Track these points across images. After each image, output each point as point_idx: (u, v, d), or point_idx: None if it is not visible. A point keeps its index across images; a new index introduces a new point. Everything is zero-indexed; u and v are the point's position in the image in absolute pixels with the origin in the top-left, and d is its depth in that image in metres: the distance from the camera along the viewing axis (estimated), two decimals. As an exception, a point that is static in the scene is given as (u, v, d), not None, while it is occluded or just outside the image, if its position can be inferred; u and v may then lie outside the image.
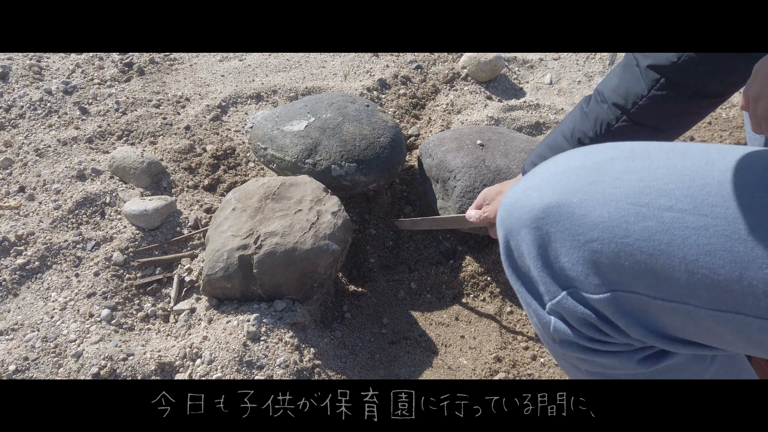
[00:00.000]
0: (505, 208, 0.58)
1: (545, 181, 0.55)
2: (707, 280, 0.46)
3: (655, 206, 0.49)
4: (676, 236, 0.47)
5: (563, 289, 0.53)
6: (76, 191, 1.21)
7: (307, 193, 1.08)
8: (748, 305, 0.45)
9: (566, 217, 0.52)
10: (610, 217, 0.50)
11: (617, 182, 0.51)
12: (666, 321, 0.50)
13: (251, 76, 1.69)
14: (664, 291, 0.48)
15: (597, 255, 0.50)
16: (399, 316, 1.17)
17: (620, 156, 0.53)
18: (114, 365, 0.91)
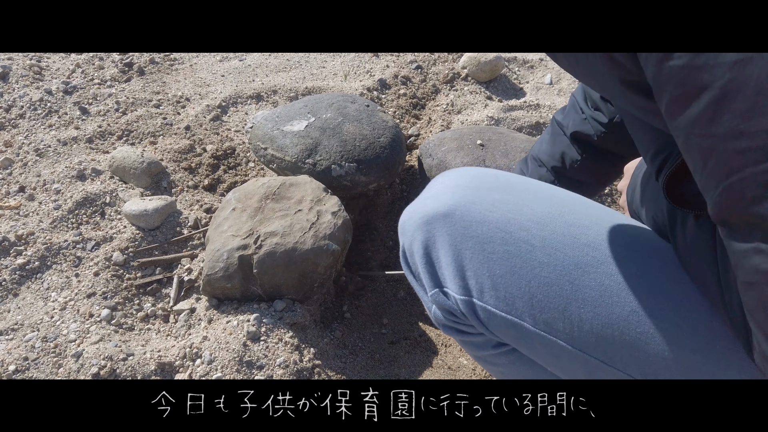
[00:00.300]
0: (406, 215, 0.68)
1: (439, 192, 0.66)
2: (541, 305, 0.57)
3: (516, 236, 0.59)
4: (527, 265, 0.58)
5: (436, 286, 0.64)
6: (76, 191, 1.21)
7: (307, 193, 1.08)
8: (565, 334, 0.56)
9: (449, 224, 0.62)
10: (481, 234, 0.60)
11: (492, 208, 0.61)
12: (503, 333, 0.61)
13: (251, 76, 1.69)
14: (509, 307, 0.58)
15: (465, 262, 0.60)
16: (399, 316, 1.17)
17: (499, 187, 0.64)
18: (114, 365, 0.90)
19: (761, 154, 0.32)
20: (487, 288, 0.59)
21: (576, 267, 0.57)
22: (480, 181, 0.65)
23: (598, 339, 0.55)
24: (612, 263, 0.57)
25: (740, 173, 0.34)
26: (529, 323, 0.58)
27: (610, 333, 0.54)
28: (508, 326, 0.59)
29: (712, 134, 0.35)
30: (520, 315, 0.58)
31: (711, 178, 0.36)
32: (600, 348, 0.55)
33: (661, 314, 0.54)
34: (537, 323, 0.57)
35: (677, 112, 0.36)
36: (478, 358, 0.71)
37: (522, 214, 0.61)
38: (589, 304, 0.55)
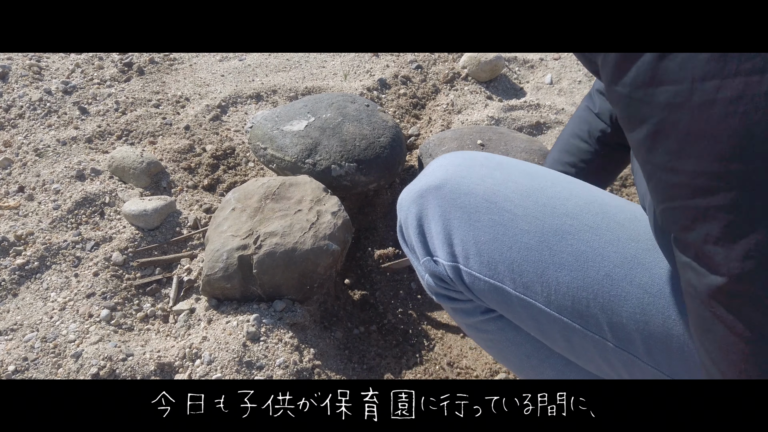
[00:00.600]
0: (404, 192, 0.72)
1: (433, 169, 0.70)
2: (521, 269, 0.60)
3: (500, 206, 0.63)
4: (509, 232, 0.61)
5: (427, 254, 0.68)
6: (75, 191, 1.21)
7: (307, 193, 1.08)
8: (543, 297, 0.59)
9: (439, 195, 0.66)
10: (468, 204, 0.64)
11: (480, 181, 0.65)
12: (487, 297, 0.64)
13: (251, 76, 1.69)
14: (491, 272, 0.62)
15: (453, 230, 0.64)
16: (399, 316, 1.17)
17: (488, 165, 0.68)
18: (113, 365, 0.90)
19: (689, 191, 0.35)
20: (473, 254, 0.63)
21: (554, 234, 0.60)
22: (471, 160, 0.69)
23: (573, 301, 0.58)
24: (588, 231, 0.60)
25: (673, 202, 0.37)
26: (510, 287, 0.61)
27: (585, 296, 0.58)
28: (491, 290, 0.62)
29: (650, 162, 0.38)
30: (502, 279, 0.61)
31: (654, 197, 0.40)
32: (576, 311, 0.58)
33: (633, 279, 0.57)
34: (517, 286, 0.61)
35: (627, 130, 0.39)
36: (468, 326, 0.74)
37: (507, 187, 0.64)
38: (565, 268, 0.58)
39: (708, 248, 0.35)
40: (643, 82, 0.35)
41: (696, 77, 0.32)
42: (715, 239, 0.34)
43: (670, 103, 0.34)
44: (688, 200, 0.35)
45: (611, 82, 0.38)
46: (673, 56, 0.33)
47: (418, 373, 1.04)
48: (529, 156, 1.22)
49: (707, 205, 0.34)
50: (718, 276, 0.35)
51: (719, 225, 0.34)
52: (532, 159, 1.21)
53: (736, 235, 0.33)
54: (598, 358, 0.60)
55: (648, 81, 0.35)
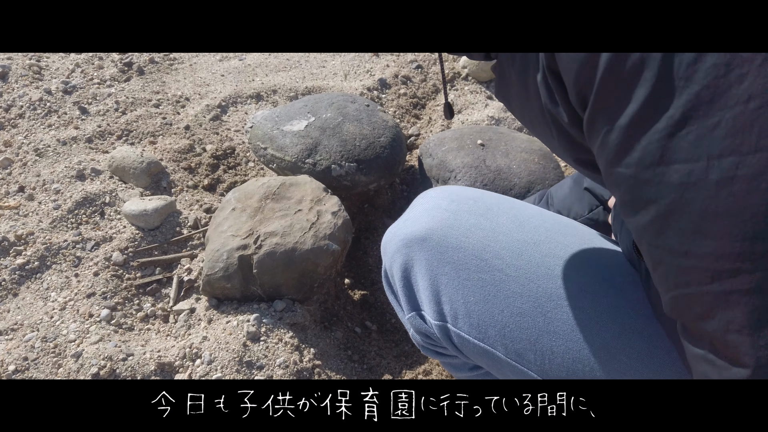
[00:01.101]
0: (388, 235, 0.69)
1: (418, 214, 0.66)
2: (513, 335, 0.57)
3: (491, 264, 0.59)
4: (500, 294, 0.58)
5: (413, 309, 0.64)
6: (75, 191, 1.21)
7: (307, 193, 1.08)
8: (536, 366, 0.56)
9: (426, 248, 0.62)
10: (457, 260, 0.60)
11: (468, 233, 0.61)
12: (476, 358, 0.61)
13: (251, 75, 1.69)
14: (481, 335, 0.59)
15: (441, 287, 0.61)
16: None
17: (477, 211, 0.64)
18: (114, 365, 0.90)
19: (707, 275, 0.32)
20: (461, 314, 0.60)
21: (549, 299, 0.56)
22: (458, 204, 0.65)
23: (568, 373, 0.55)
24: (586, 296, 0.56)
25: (687, 288, 0.33)
26: (501, 352, 0.58)
27: (581, 368, 0.54)
28: (480, 353, 0.60)
29: (659, 246, 0.34)
30: (492, 343, 0.58)
31: (661, 284, 0.36)
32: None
33: (632, 352, 0.53)
34: (509, 353, 0.57)
35: (628, 214, 0.36)
36: (459, 378, 0.72)
37: (497, 242, 0.61)
38: (560, 337, 0.55)
39: (731, 338, 0.32)
40: (652, 161, 0.32)
41: (712, 155, 0.30)
42: (739, 327, 0.31)
43: (683, 183, 0.31)
44: (706, 285, 0.32)
45: (612, 164, 0.35)
46: (685, 133, 0.31)
47: (418, 373, 1.04)
48: (529, 156, 1.22)
49: (729, 289, 0.31)
50: (743, 368, 0.32)
51: (744, 311, 0.30)
52: (532, 159, 1.21)
53: (764, 321, 0.30)
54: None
55: (657, 160, 0.32)
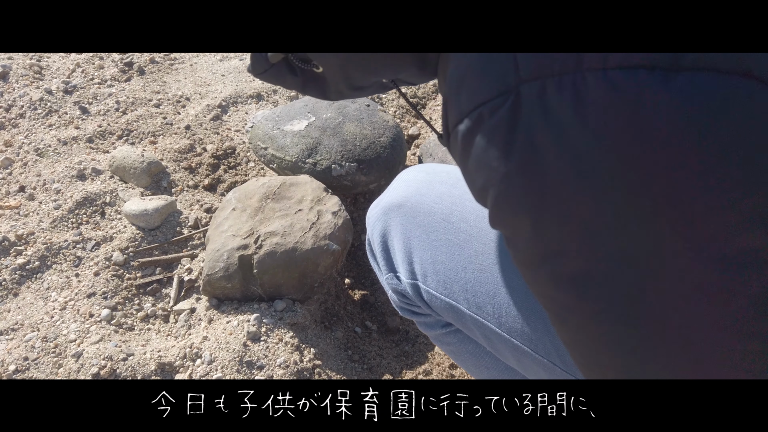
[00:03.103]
0: (371, 207, 0.73)
1: (397, 185, 0.71)
2: (474, 290, 0.60)
3: (457, 227, 0.63)
4: (464, 252, 0.62)
5: (390, 271, 0.69)
6: (76, 191, 1.21)
7: (308, 193, 1.08)
8: (495, 318, 0.59)
9: (401, 213, 0.67)
10: (427, 223, 0.65)
11: (438, 200, 0.66)
12: (444, 314, 0.65)
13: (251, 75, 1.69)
14: (447, 291, 0.62)
15: (413, 249, 0.65)
16: (400, 316, 1.17)
17: (447, 182, 0.68)
18: (114, 365, 0.90)
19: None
20: (430, 273, 0.64)
21: (507, 256, 0.60)
22: (432, 176, 0.70)
23: (523, 325, 0.58)
24: None
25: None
26: (464, 306, 0.62)
27: (534, 319, 0.57)
28: (447, 308, 0.63)
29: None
30: (456, 298, 0.62)
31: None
32: (525, 334, 0.58)
33: None
34: (470, 306, 0.61)
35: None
36: (433, 338, 0.76)
37: (464, 207, 0.65)
38: (516, 291, 0.58)
39: None
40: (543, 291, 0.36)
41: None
42: None
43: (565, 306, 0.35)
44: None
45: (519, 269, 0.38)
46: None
47: (418, 373, 1.04)
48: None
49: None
50: None
51: None
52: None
53: None
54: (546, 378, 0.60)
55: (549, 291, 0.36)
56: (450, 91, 0.35)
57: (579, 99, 0.28)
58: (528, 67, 0.30)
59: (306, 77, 0.50)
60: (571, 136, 0.28)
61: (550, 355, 0.57)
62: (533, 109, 0.30)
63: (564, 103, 0.28)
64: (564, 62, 0.29)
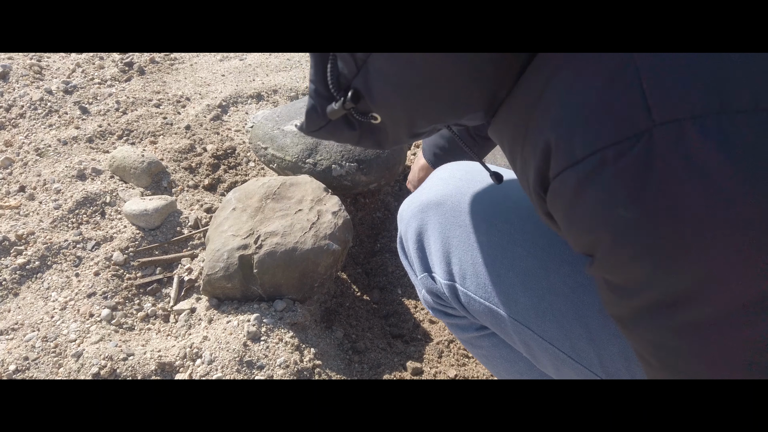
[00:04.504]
0: (405, 204, 0.72)
1: (434, 183, 0.69)
2: (518, 295, 0.58)
3: (499, 228, 0.61)
4: (507, 255, 0.60)
5: (425, 271, 0.67)
6: (76, 191, 1.21)
7: (308, 193, 1.08)
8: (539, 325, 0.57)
9: (440, 212, 0.65)
10: (468, 223, 0.63)
11: (480, 199, 0.64)
12: (482, 317, 0.63)
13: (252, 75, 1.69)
14: (487, 294, 0.61)
15: (452, 249, 0.63)
16: (400, 316, 1.17)
17: (488, 181, 0.66)
18: (114, 365, 0.90)
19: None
20: (470, 274, 0.62)
21: (552, 261, 0.58)
22: (472, 174, 0.68)
23: (566, 333, 0.56)
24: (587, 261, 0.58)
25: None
26: (504, 311, 0.60)
27: (577, 327, 0.55)
28: (485, 312, 0.62)
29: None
30: (497, 302, 0.60)
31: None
32: (566, 340, 0.56)
33: None
34: (511, 311, 0.59)
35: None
36: (464, 341, 0.74)
37: (507, 208, 0.63)
38: (561, 297, 0.56)
39: None
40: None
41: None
42: None
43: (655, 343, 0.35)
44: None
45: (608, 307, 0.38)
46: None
47: (418, 372, 1.04)
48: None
49: None
50: None
51: None
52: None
53: None
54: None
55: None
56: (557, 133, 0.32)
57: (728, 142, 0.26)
58: (662, 108, 0.28)
59: (363, 129, 0.48)
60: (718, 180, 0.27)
61: (592, 365, 0.55)
62: (670, 153, 0.28)
63: (709, 145, 0.27)
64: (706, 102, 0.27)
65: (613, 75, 0.29)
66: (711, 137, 0.26)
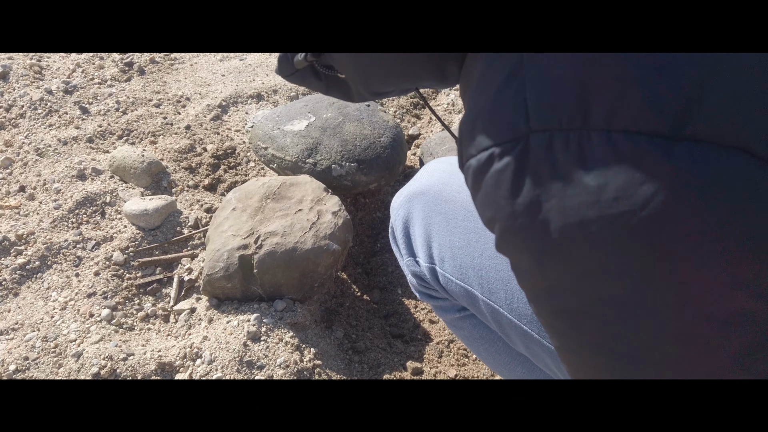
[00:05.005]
0: (396, 195, 0.76)
1: (421, 175, 0.75)
2: (488, 276, 0.63)
3: (475, 215, 0.65)
4: (480, 239, 0.65)
5: (410, 255, 0.72)
6: (76, 191, 1.21)
7: (308, 193, 1.08)
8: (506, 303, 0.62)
9: (423, 200, 0.70)
10: (447, 210, 0.68)
11: (460, 189, 0.69)
12: (459, 298, 0.67)
13: (252, 75, 1.69)
14: (462, 275, 0.65)
15: (432, 235, 0.68)
16: (400, 316, 1.17)
17: None
18: (114, 365, 0.90)
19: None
20: (447, 258, 0.67)
21: None
22: (454, 167, 0.73)
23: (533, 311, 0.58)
24: None
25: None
26: (477, 291, 0.64)
27: None
28: (461, 292, 0.66)
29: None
30: (471, 283, 0.65)
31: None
32: (535, 321, 0.60)
33: None
34: (484, 291, 0.64)
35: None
36: (448, 322, 0.79)
37: None
38: None
39: None
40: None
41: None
42: None
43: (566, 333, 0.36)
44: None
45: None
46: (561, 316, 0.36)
47: (418, 372, 1.04)
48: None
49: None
50: None
51: None
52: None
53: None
54: (552, 365, 0.62)
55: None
56: (465, 126, 0.37)
57: (582, 157, 0.30)
58: (538, 119, 0.31)
59: (329, 82, 0.53)
60: (572, 190, 0.30)
61: None
62: (540, 159, 0.31)
63: (569, 158, 0.30)
64: (571, 118, 0.30)
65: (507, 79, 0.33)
66: (572, 150, 0.30)
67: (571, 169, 0.30)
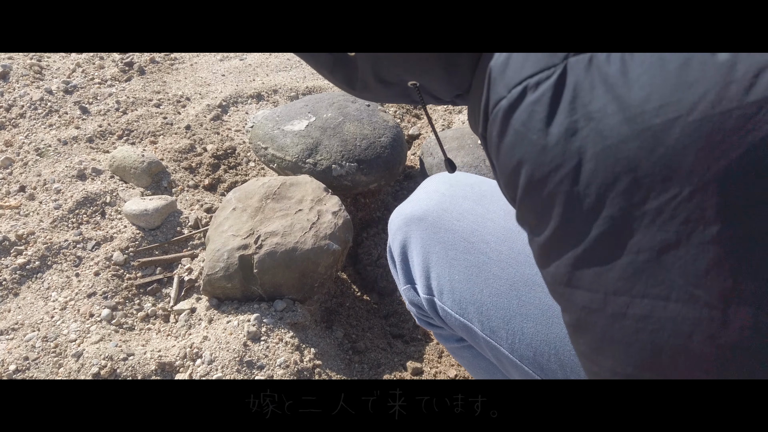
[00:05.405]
0: (393, 214, 0.74)
1: (420, 196, 0.72)
2: (489, 314, 0.61)
3: (477, 247, 0.64)
4: (481, 275, 0.62)
5: (408, 282, 0.70)
6: (76, 191, 1.21)
7: (308, 193, 1.08)
8: (507, 343, 0.60)
9: (422, 227, 0.67)
10: (447, 240, 0.65)
11: (461, 217, 0.66)
12: (459, 331, 0.66)
13: (252, 75, 1.69)
14: (462, 310, 0.63)
15: (431, 264, 0.66)
16: (400, 316, 1.17)
17: (471, 197, 0.69)
18: (114, 365, 0.90)
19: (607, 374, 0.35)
20: (446, 290, 0.64)
21: (524, 284, 0.60)
22: (456, 189, 0.70)
23: (535, 353, 0.58)
24: None
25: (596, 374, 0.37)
26: (477, 327, 0.62)
27: (546, 350, 0.58)
28: (461, 326, 0.64)
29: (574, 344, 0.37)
30: (471, 319, 0.63)
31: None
32: (536, 362, 0.58)
33: None
34: (484, 329, 0.62)
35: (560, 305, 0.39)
36: (449, 349, 0.77)
37: (486, 227, 0.65)
38: (531, 320, 0.59)
39: None
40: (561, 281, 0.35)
41: (608, 291, 0.32)
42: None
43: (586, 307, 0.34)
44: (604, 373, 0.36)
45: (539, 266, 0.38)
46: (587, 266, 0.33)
47: (418, 372, 1.04)
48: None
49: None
50: None
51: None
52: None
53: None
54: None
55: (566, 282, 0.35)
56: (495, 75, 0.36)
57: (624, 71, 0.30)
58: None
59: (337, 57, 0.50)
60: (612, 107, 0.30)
61: None
62: (579, 79, 0.31)
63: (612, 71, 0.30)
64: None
65: None
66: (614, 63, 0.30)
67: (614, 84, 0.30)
